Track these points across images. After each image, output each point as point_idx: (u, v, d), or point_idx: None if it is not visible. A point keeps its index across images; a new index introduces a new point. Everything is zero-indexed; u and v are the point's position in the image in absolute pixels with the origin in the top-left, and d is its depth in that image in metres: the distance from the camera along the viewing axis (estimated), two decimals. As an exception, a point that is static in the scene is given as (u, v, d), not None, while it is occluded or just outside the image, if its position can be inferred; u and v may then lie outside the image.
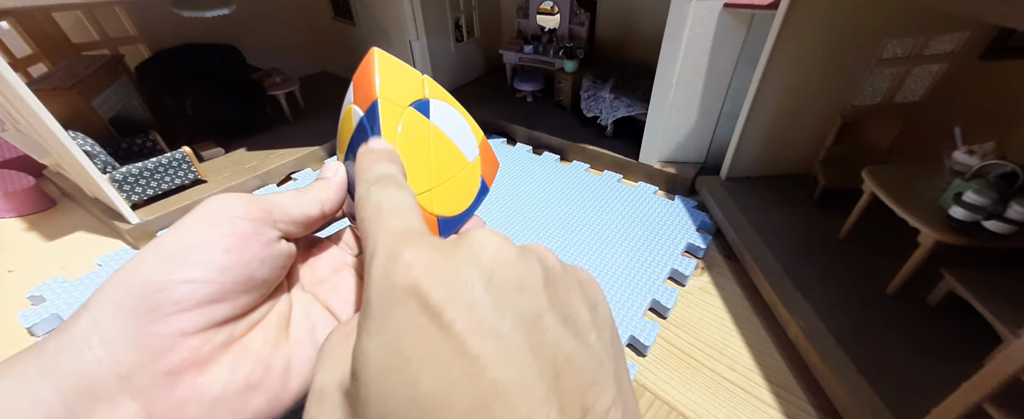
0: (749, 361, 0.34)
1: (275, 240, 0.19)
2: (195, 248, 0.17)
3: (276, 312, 0.21)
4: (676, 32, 0.43)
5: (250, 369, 0.18)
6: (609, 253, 0.43)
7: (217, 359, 0.17)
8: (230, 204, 0.18)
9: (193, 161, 0.50)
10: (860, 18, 0.37)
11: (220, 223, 0.18)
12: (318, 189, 0.21)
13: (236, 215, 0.18)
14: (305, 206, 0.20)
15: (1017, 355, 0.19)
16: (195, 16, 0.53)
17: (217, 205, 0.18)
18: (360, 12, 0.68)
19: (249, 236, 0.18)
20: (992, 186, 0.29)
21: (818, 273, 0.37)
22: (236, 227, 0.18)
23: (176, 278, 0.16)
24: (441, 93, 0.23)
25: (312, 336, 0.21)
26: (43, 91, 0.44)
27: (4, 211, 0.52)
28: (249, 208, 0.18)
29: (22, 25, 0.50)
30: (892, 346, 0.31)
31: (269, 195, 0.20)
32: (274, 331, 0.20)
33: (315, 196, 0.21)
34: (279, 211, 0.19)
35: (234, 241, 0.17)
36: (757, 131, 0.45)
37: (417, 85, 0.22)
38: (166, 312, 0.16)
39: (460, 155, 0.23)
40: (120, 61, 0.55)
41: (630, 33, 0.63)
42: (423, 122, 0.22)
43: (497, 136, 0.64)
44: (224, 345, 0.17)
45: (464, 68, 0.75)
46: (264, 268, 0.18)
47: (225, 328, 0.18)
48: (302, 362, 0.20)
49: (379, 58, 0.21)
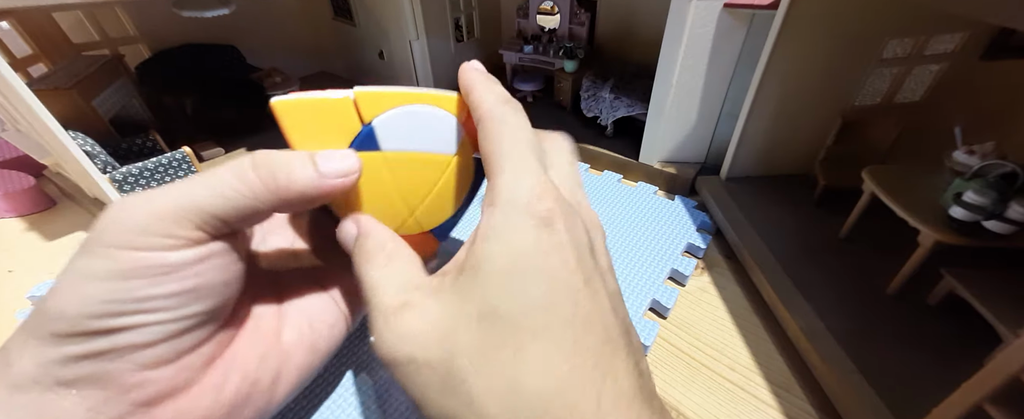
0: (749, 361, 0.34)
1: (218, 248, 0.16)
2: (118, 287, 0.14)
3: (258, 314, 0.19)
4: (676, 32, 0.43)
5: (235, 389, 0.17)
6: (609, 253, 0.43)
7: (198, 380, 0.16)
8: (135, 218, 0.15)
9: (193, 161, 0.50)
10: (860, 18, 0.37)
11: (131, 245, 0.15)
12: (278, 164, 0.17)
13: (124, 242, 0.15)
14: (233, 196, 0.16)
15: (1017, 355, 0.19)
16: (195, 16, 0.53)
17: (121, 223, 0.15)
18: (360, 12, 0.68)
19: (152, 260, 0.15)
20: (992, 186, 0.29)
21: (818, 273, 0.37)
22: (132, 255, 0.15)
23: (114, 325, 0.14)
24: (387, 99, 0.19)
25: (307, 339, 0.20)
26: (43, 91, 0.44)
27: (4, 211, 0.52)
28: (148, 220, 0.15)
29: (22, 25, 0.50)
30: (892, 346, 0.31)
31: (178, 187, 0.16)
32: (259, 338, 0.19)
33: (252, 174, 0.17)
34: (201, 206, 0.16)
35: (160, 264, 0.15)
36: (757, 131, 0.45)
37: (348, 115, 0.18)
38: (118, 353, 0.14)
39: (436, 158, 0.20)
40: (120, 61, 0.55)
41: (630, 33, 0.63)
42: (374, 158, 0.18)
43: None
44: (204, 366, 0.16)
45: (464, 68, 0.74)
46: (212, 277, 0.16)
47: (202, 350, 0.16)
48: (292, 371, 0.19)
49: (281, 114, 0.17)
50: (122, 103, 0.54)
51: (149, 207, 0.15)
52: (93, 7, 0.54)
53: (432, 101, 0.19)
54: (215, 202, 0.16)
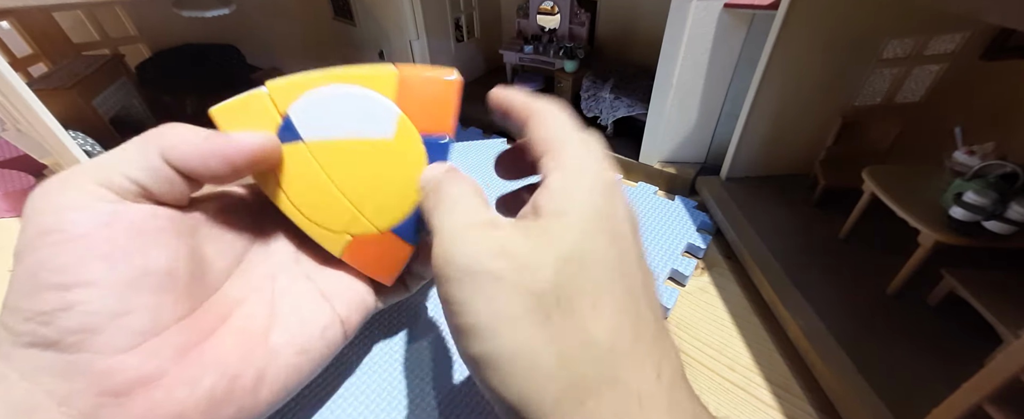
0: (749, 361, 0.34)
1: (148, 216, 0.17)
2: (46, 270, 0.15)
3: (246, 314, 0.19)
4: (676, 32, 0.43)
5: (213, 383, 0.16)
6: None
7: (170, 372, 0.15)
8: (55, 198, 0.16)
9: (193, 161, 0.50)
10: (860, 18, 0.37)
11: (54, 228, 0.15)
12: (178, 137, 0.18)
13: (68, 206, 0.16)
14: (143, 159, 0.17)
15: (1017, 355, 0.19)
16: (195, 16, 0.53)
17: (41, 203, 0.16)
18: (360, 12, 0.68)
19: (100, 228, 0.15)
20: (992, 186, 0.29)
21: (818, 273, 0.37)
22: (78, 224, 0.15)
23: (49, 309, 0.14)
24: (300, 84, 0.18)
25: (297, 341, 0.20)
26: (43, 91, 0.44)
27: (4, 211, 0.52)
28: (80, 191, 0.16)
29: (22, 25, 0.50)
30: (892, 346, 0.31)
31: (100, 157, 0.17)
32: (244, 337, 0.18)
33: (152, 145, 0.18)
34: (118, 168, 0.17)
35: (86, 243, 0.15)
36: (757, 131, 0.45)
37: (267, 110, 0.17)
38: (68, 343, 0.14)
39: (372, 144, 0.17)
40: (120, 61, 0.55)
41: (630, 33, 0.63)
42: (297, 150, 0.17)
43: (497, 136, 0.64)
44: (176, 356, 0.16)
45: (464, 68, 0.74)
46: (156, 255, 0.16)
47: (167, 337, 0.16)
48: (278, 372, 0.18)
49: (216, 120, 0.18)
50: (122, 103, 0.54)
51: (66, 175, 0.17)
52: (93, 7, 0.54)
53: (359, 80, 0.17)
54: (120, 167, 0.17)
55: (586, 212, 0.15)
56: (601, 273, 0.14)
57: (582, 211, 0.15)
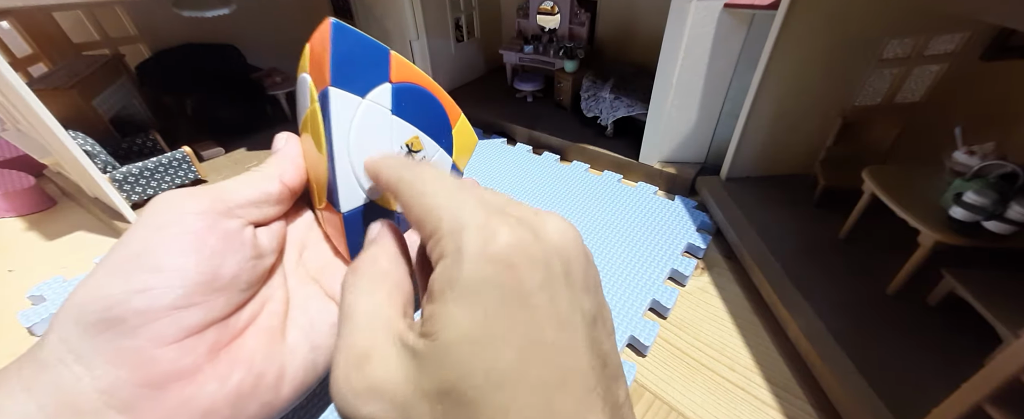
0: (749, 361, 0.34)
1: (237, 230, 0.18)
2: (145, 254, 0.16)
3: (269, 313, 0.20)
4: (676, 32, 0.43)
5: (240, 379, 0.17)
6: (609, 253, 0.43)
7: (203, 369, 0.16)
8: (174, 201, 0.17)
9: (193, 161, 0.50)
10: (861, 18, 0.37)
11: (167, 224, 0.16)
12: (272, 163, 0.20)
13: (184, 211, 0.17)
14: (261, 183, 0.19)
15: (1017, 355, 0.19)
16: (195, 16, 0.53)
17: (161, 205, 0.17)
18: (360, 12, 0.68)
19: (202, 231, 0.17)
20: (992, 186, 0.29)
21: (818, 273, 0.37)
22: (186, 225, 0.16)
23: (130, 289, 0.15)
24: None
25: (309, 338, 0.21)
26: (43, 91, 0.44)
27: (4, 211, 0.52)
28: (198, 201, 0.17)
29: (22, 25, 0.50)
30: (892, 346, 0.31)
31: (220, 183, 0.19)
32: (267, 336, 0.19)
33: (271, 169, 0.19)
34: (232, 196, 0.18)
35: (187, 240, 0.16)
36: (757, 131, 0.45)
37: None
38: (130, 325, 0.15)
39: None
40: (120, 61, 0.55)
41: (630, 33, 0.63)
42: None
43: (497, 136, 0.64)
44: (209, 354, 0.16)
45: (464, 68, 0.75)
46: (230, 263, 0.17)
47: (206, 335, 0.17)
48: (296, 369, 0.19)
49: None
50: (122, 103, 0.54)
51: (190, 189, 0.17)
52: (93, 7, 0.54)
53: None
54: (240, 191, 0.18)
55: (466, 326, 0.13)
56: (492, 393, 0.12)
57: (464, 324, 0.13)
